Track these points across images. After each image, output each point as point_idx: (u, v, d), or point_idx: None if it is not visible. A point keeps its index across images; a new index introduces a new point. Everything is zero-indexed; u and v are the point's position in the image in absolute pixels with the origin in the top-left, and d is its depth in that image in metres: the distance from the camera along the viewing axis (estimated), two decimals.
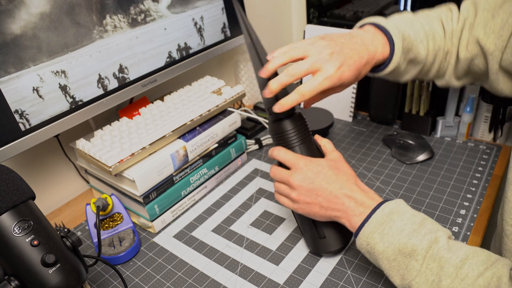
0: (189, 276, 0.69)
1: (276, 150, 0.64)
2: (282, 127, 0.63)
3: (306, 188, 0.60)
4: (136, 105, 0.89)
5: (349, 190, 0.59)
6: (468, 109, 0.92)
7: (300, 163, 0.61)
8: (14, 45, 0.64)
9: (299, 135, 0.63)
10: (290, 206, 0.63)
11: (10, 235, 0.47)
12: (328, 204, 0.59)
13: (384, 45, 0.66)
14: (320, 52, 0.58)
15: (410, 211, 0.56)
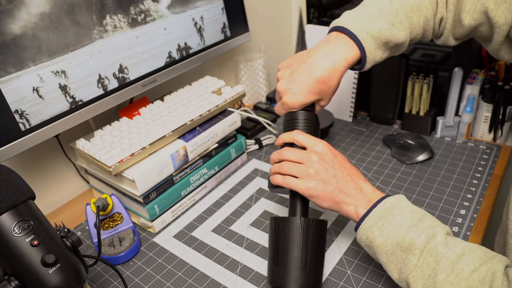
0: (189, 276, 0.69)
1: (295, 132, 0.64)
2: (297, 114, 0.65)
3: (326, 165, 0.60)
4: (136, 105, 0.89)
5: (361, 180, 0.61)
6: (468, 109, 0.92)
7: (322, 143, 0.62)
8: (14, 45, 0.64)
9: (311, 127, 0.65)
10: (301, 185, 0.60)
11: (10, 235, 0.47)
12: (342, 187, 0.59)
13: (351, 48, 0.66)
14: (277, 84, 0.68)
15: (410, 207, 0.56)
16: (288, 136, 0.64)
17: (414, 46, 1.04)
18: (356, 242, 0.71)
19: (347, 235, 0.73)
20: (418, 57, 1.04)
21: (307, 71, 0.65)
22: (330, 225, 0.76)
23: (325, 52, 0.65)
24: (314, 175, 0.60)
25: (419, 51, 1.03)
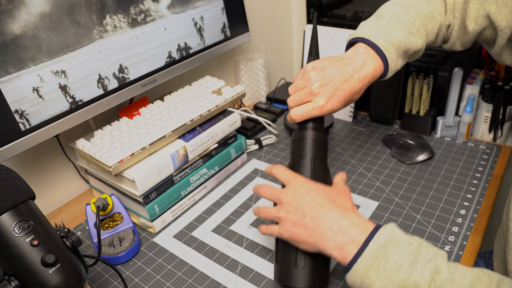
0: (189, 276, 0.69)
1: (276, 167, 0.61)
2: (303, 135, 0.63)
3: (294, 206, 0.56)
4: (136, 105, 0.89)
5: (340, 214, 0.54)
6: (468, 109, 0.92)
7: (295, 180, 0.58)
8: (14, 45, 0.64)
9: (316, 150, 0.62)
10: (275, 231, 0.58)
11: (10, 235, 0.47)
12: (314, 226, 0.53)
13: (378, 62, 0.66)
14: (311, 85, 0.63)
15: (405, 239, 0.51)
16: (269, 171, 0.62)
17: None
18: None
19: None
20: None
21: (346, 80, 0.63)
22: None
23: (359, 65, 0.65)
24: (284, 217, 0.56)
25: None
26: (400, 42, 0.66)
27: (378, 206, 0.79)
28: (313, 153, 0.62)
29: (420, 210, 0.77)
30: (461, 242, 0.69)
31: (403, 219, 0.75)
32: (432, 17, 0.70)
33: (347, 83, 0.63)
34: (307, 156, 0.62)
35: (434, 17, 0.70)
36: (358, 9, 1.11)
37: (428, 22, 0.69)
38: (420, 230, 0.73)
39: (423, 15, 0.69)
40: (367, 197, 0.82)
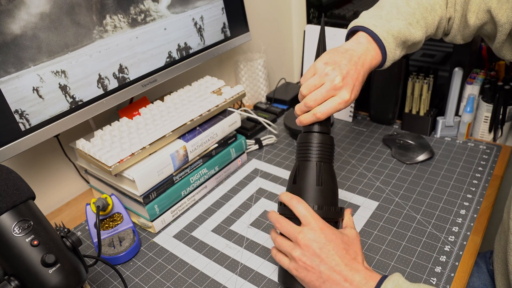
0: (189, 276, 0.69)
1: (295, 199, 0.58)
2: (310, 137, 0.62)
3: (312, 251, 0.54)
4: (136, 105, 0.89)
5: (355, 269, 0.54)
6: (468, 109, 0.92)
7: (316, 223, 0.56)
8: (14, 45, 0.64)
9: (322, 152, 0.61)
10: (286, 265, 0.57)
11: (10, 235, 0.47)
12: (329, 276, 0.53)
13: (376, 51, 0.66)
14: (332, 80, 0.60)
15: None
16: (287, 200, 0.59)
17: None
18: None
19: None
20: (418, 57, 1.04)
21: (357, 70, 0.62)
22: None
23: (363, 54, 0.65)
24: (299, 259, 0.55)
25: (419, 51, 1.03)
26: (399, 32, 0.67)
27: (378, 206, 0.79)
28: (319, 156, 0.61)
29: (420, 210, 0.77)
30: (461, 242, 0.69)
31: (403, 219, 0.75)
32: (432, 10, 0.70)
33: (360, 73, 0.63)
34: (313, 159, 0.61)
35: (435, 9, 0.70)
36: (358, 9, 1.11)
37: (428, 15, 0.70)
38: (420, 230, 0.73)
39: (423, 7, 0.70)
40: (367, 197, 0.82)
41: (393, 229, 0.73)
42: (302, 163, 0.62)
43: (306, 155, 0.61)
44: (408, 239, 0.71)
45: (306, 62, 1.11)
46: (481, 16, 0.68)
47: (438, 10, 0.71)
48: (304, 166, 0.61)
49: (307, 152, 0.61)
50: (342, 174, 0.89)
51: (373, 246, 0.70)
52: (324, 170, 0.61)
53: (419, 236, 0.71)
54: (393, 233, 0.73)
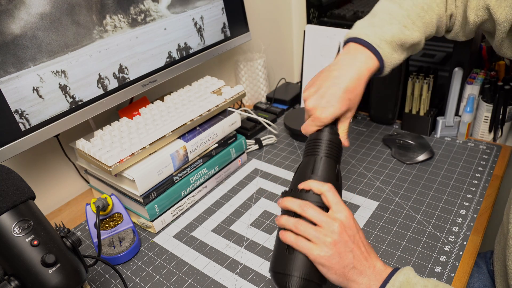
0: (189, 276, 0.69)
1: (328, 186, 0.57)
2: (322, 135, 0.63)
3: (347, 237, 0.54)
4: (136, 105, 0.89)
5: (375, 258, 0.56)
6: (468, 109, 0.92)
7: (346, 211, 0.56)
8: (14, 45, 0.64)
9: (334, 151, 0.62)
10: (314, 251, 0.54)
11: (10, 235, 0.47)
12: (357, 264, 0.54)
13: (370, 57, 0.66)
14: (308, 102, 0.65)
15: (420, 282, 0.52)
16: (318, 187, 0.57)
17: None
18: None
19: None
20: (418, 57, 1.04)
21: (333, 84, 0.64)
22: None
23: (348, 64, 0.66)
24: (331, 245, 0.53)
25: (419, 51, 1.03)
26: (393, 37, 0.67)
27: (378, 206, 0.79)
28: (326, 152, 0.62)
29: (420, 210, 0.77)
30: (461, 242, 0.69)
31: (403, 219, 0.75)
32: (429, 8, 0.70)
33: (335, 86, 0.64)
34: (320, 154, 0.62)
35: (432, 8, 0.70)
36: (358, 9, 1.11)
37: (425, 14, 0.70)
38: (420, 230, 0.73)
39: (419, 7, 0.69)
40: (367, 197, 0.82)
41: (393, 229, 0.73)
42: (323, 158, 0.61)
43: (327, 152, 0.62)
44: (408, 239, 0.71)
45: (306, 62, 1.11)
46: (480, 13, 0.68)
47: (435, 8, 0.70)
48: (309, 160, 0.62)
49: (328, 150, 0.62)
50: (342, 174, 0.89)
51: (373, 246, 0.70)
52: (339, 169, 0.63)
53: (419, 236, 0.71)
54: (393, 233, 0.73)
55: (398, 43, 0.68)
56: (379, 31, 0.67)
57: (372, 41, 0.66)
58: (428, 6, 0.70)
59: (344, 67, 0.65)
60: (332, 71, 0.66)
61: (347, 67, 0.65)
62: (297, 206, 0.56)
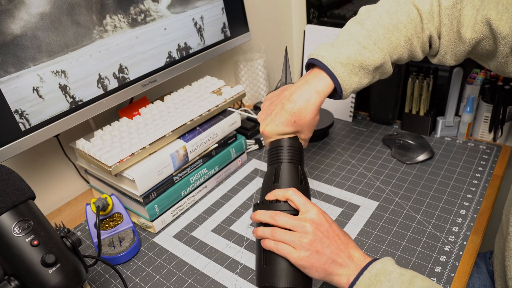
0: (189, 276, 0.69)
1: (292, 190, 0.59)
2: (280, 141, 0.66)
3: (321, 235, 0.56)
4: (136, 105, 0.89)
5: (353, 247, 0.57)
6: (468, 109, 0.92)
7: (316, 208, 0.58)
8: (14, 45, 0.64)
9: (295, 154, 0.65)
10: (294, 254, 0.55)
11: (10, 235, 0.47)
12: (336, 257, 0.55)
13: (322, 79, 0.65)
14: (258, 114, 0.70)
15: (397, 270, 0.54)
16: (283, 194, 0.60)
17: None
18: (356, 243, 0.71)
19: None
20: None
21: (280, 103, 0.66)
22: None
23: (298, 86, 0.66)
24: (307, 246, 0.55)
25: None
26: (349, 58, 0.64)
27: (378, 206, 0.79)
28: (288, 158, 0.64)
29: (420, 210, 0.77)
30: (461, 242, 0.69)
31: (403, 219, 0.75)
32: (395, 29, 0.65)
33: (280, 106, 0.65)
34: (281, 160, 0.64)
35: (398, 29, 0.65)
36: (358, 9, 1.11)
37: (391, 35, 0.65)
38: (420, 230, 0.73)
39: (383, 28, 0.65)
40: (367, 197, 0.82)
41: (393, 229, 0.74)
42: (284, 165, 0.64)
43: (288, 157, 0.64)
44: (408, 239, 0.71)
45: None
46: (479, 29, 0.61)
47: (402, 29, 0.65)
48: (287, 167, 0.64)
49: (288, 155, 0.64)
50: (342, 174, 0.89)
51: (373, 246, 0.70)
52: (302, 171, 0.65)
53: (419, 236, 0.71)
54: (393, 233, 0.73)
55: (357, 65, 0.64)
56: (336, 52, 0.65)
57: (327, 63, 0.64)
58: (393, 27, 0.65)
59: (295, 88, 0.66)
60: (285, 90, 0.68)
61: (297, 89, 0.65)
62: (268, 217, 0.59)
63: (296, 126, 0.65)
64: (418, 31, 0.67)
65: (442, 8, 0.65)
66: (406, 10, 0.66)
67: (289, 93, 0.66)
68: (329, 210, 0.79)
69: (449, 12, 0.64)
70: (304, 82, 0.66)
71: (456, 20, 0.64)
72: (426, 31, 0.67)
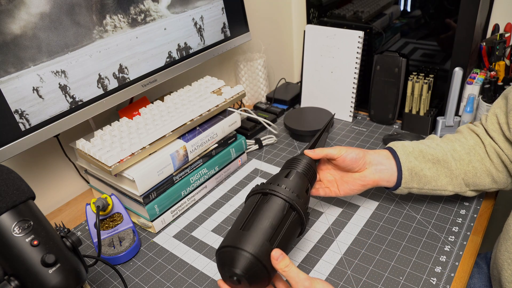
0: (189, 276, 0.69)
1: (290, 266, 0.52)
2: (302, 156, 0.68)
3: None
4: (136, 105, 0.89)
5: None
6: (468, 109, 0.92)
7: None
8: (14, 45, 0.64)
9: (308, 170, 0.66)
10: None
11: (10, 235, 0.47)
12: None
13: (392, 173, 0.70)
14: None
15: None
16: (282, 269, 0.52)
17: (414, 46, 1.04)
18: (356, 243, 0.71)
19: (347, 235, 0.73)
20: (418, 57, 1.04)
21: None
22: (330, 225, 0.76)
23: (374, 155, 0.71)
24: None
25: (419, 51, 1.03)
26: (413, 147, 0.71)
27: (378, 206, 0.79)
28: (303, 170, 0.66)
29: (420, 210, 0.77)
30: (461, 242, 0.69)
31: (403, 219, 0.75)
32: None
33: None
34: (298, 169, 0.65)
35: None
36: (358, 9, 1.11)
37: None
38: (420, 230, 0.73)
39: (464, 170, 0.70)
40: (367, 197, 0.81)
41: (393, 229, 0.73)
42: (299, 173, 0.64)
43: (304, 170, 0.66)
44: (408, 239, 0.71)
45: (306, 62, 1.11)
46: None
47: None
48: (300, 175, 0.64)
49: (304, 169, 0.66)
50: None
51: (373, 246, 0.70)
52: (309, 189, 0.65)
53: (419, 236, 0.71)
54: (393, 233, 0.73)
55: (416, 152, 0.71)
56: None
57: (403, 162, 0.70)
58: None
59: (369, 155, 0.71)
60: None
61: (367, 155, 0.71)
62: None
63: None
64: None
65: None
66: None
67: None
68: (329, 210, 0.79)
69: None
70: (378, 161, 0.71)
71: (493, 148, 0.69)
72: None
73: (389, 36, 1.06)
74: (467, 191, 0.72)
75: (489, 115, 0.71)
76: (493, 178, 0.70)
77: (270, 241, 0.53)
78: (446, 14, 0.95)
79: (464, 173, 0.70)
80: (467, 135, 0.73)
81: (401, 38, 1.05)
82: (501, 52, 0.97)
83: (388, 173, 0.70)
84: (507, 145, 0.68)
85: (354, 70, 1.03)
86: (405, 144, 0.72)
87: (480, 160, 0.70)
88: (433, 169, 0.70)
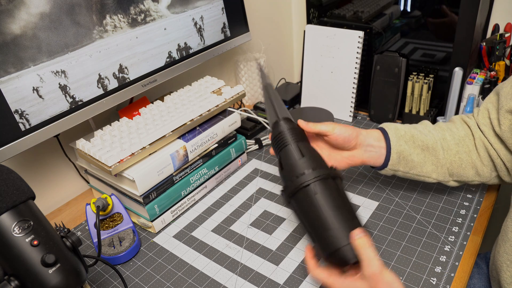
0: (189, 276, 0.69)
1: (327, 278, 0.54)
2: (280, 127, 0.63)
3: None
4: (136, 105, 0.89)
5: None
6: (468, 109, 0.92)
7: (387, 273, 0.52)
8: (14, 45, 0.64)
9: (299, 134, 0.63)
10: None
11: (10, 235, 0.47)
12: None
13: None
14: None
15: None
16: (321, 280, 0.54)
17: (414, 46, 1.04)
18: None
19: None
20: (418, 57, 1.04)
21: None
22: None
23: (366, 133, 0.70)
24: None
25: (419, 51, 1.03)
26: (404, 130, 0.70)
27: (378, 206, 0.79)
28: (297, 138, 0.62)
29: (420, 210, 0.77)
30: (461, 242, 0.69)
31: (403, 219, 0.75)
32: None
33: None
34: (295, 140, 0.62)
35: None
36: (358, 9, 1.11)
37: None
38: (420, 230, 0.73)
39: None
40: (367, 197, 0.81)
41: (393, 229, 0.73)
42: (300, 143, 0.62)
43: (297, 137, 0.62)
44: (408, 239, 0.71)
45: (306, 62, 1.11)
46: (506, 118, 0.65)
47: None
48: (283, 153, 0.62)
49: (296, 136, 0.62)
50: (342, 174, 0.89)
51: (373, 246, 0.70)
52: (301, 145, 0.61)
53: (419, 236, 0.71)
54: (393, 233, 0.73)
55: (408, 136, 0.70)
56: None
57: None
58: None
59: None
60: None
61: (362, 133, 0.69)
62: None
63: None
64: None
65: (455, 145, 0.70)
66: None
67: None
68: None
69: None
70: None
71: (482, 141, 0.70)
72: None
73: (389, 36, 1.06)
74: (450, 181, 0.72)
75: (481, 109, 0.72)
76: (477, 171, 0.70)
77: (353, 221, 0.55)
78: (446, 14, 0.95)
79: (450, 163, 0.70)
80: (459, 126, 0.73)
81: (401, 38, 1.05)
82: (501, 52, 0.97)
83: (376, 154, 0.70)
84: (496, 140, 0.68)
85: (354, 70, 1.03)
86: (398, 127, 0.71)
87: (467, 152, 0.70)
88: (421, 155, 0.70)
